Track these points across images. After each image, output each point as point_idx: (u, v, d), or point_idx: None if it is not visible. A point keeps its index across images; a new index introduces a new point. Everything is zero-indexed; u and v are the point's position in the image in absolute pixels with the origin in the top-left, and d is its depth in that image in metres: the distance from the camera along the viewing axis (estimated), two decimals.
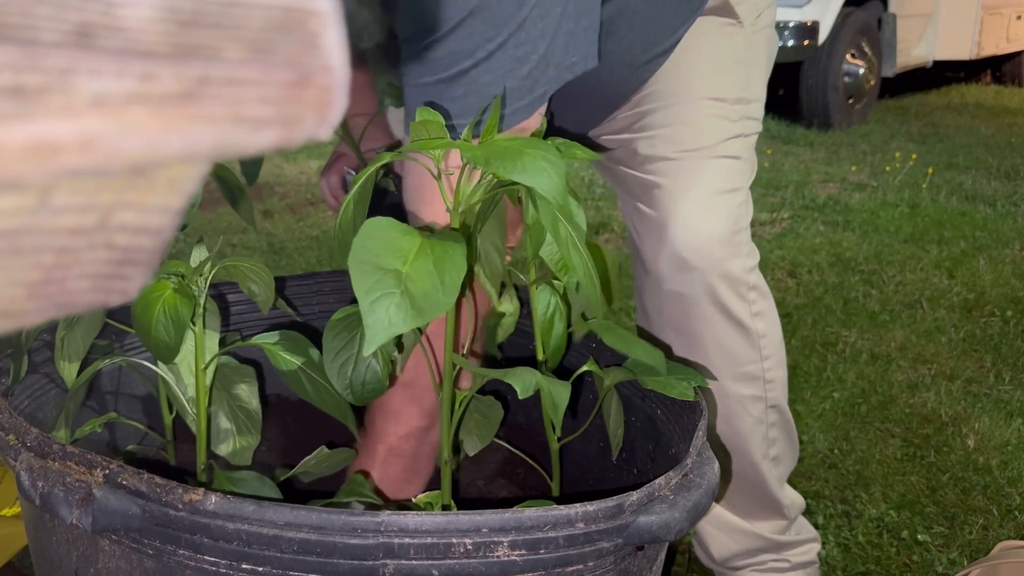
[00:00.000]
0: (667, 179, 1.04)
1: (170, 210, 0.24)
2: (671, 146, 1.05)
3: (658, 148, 1.06)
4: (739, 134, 1.09)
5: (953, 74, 7.30)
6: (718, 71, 1.08)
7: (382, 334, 0.61)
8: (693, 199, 1.03)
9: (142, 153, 0.21)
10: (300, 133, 0.23)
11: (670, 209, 1.03)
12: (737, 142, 1.08)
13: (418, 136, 0.78)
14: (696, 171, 1.05)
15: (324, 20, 0.23)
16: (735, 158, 1.07)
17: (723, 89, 1.08)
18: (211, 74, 0.21)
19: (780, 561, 1.22)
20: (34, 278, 0.23)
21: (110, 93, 0.20)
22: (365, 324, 0.61)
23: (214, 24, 0.21)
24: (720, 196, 1.05)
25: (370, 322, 0.61)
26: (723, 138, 1.07)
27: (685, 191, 1.04)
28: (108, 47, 0.20)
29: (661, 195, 1.04)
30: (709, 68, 1.07)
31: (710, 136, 1.06)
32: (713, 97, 1.07)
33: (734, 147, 1.08)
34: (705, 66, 1.07)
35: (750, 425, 1.12)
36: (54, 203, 0.21)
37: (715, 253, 1.04)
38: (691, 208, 1.03)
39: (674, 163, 1.05)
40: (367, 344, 0.61)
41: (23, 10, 0.19)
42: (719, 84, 1.08)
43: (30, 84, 0.19)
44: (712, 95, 1.07)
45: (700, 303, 1.05)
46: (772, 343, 1.11)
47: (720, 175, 1.05)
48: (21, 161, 0.19)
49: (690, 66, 1.06)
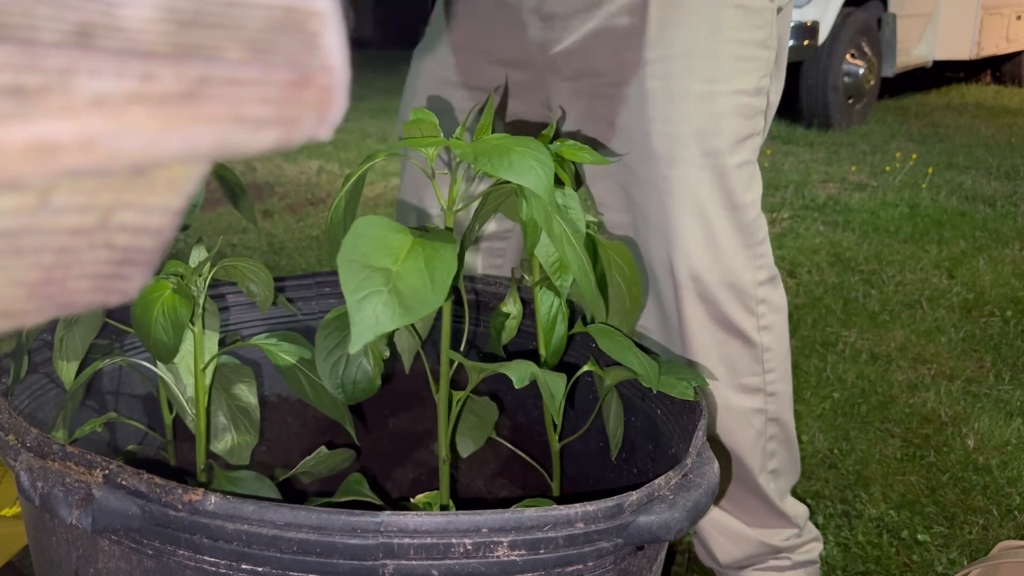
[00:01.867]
0: (679, 186, 1.04)
1: (170, 210, 0.24)
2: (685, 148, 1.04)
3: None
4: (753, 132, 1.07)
5: (953, 74, 7.30)
6: (737, 62, 1.05)
7: (368, 332, 0.60)
8: (703, 209, 1.03)
9: (142, 153, 0.21)
10: (300, 133, 0.23)
11: (678, 216, 1.03)
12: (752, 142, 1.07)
13: (410, 135, 0.78)
14: (708, 179, 1.04)
15: (324, 20, 0.23)
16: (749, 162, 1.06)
17: (745, 80, 1.05)
18: (211, 74, 0.21)
19: (781, 560, 1.22)
20: (34, 278, 0.23)
21: (110, 93, 0.20)
22: (352, 322, 0.60)
23: (214, 24, 0.21)
24: (732, 208, 1.04)
25: (357, 320, 0.61)
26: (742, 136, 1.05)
27: (695, 200, 1.03)
28: (108, 47, 0.20)
29: (666, 201, 1.04)
30: (726, 61, 1.05)
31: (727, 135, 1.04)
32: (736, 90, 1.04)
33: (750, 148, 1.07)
34: (722, 58, 1.04)
35: (751, 437, 1.12)
36: (54, 203, 0.21)
37: (725, 264, 1.04)
38: (699, 218, 1.02)
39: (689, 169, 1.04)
40: (353, 342, 0.60)
41: (23, 10, 0.19)
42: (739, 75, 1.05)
43: (30, 84, 0.19)
44: (736, 88, 1.04)
45: (701, 313, 1.05)
46: (777, 356, 1.11)
47: (742, 180, 1.05)
48: (21, 161, 0.19)
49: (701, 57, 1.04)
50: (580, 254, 0.78)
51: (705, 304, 1.04)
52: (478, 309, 1.10)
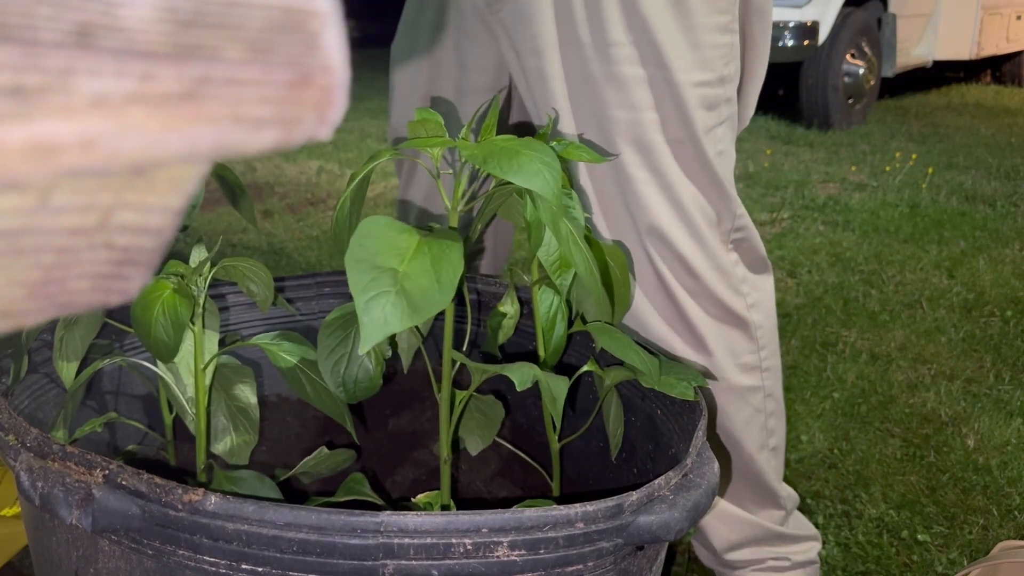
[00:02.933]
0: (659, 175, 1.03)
1: (170, 210, 0.24)
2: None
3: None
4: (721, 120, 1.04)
5: (953, 74, 7.30)
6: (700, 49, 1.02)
7: (378, 333, 0.60)
8: (687, 194, 1.03)
9: (142, 153, 0.21)
10: (300, 133, 0.23)
11: (660, 208, 1.02)
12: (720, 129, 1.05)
13: (416, 135, 0.78)
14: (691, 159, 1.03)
15: (324, 20, 0.23)
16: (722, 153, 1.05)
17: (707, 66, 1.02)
18: (211, 74, 0.21)
19: (780, 560, 1.22)
20: (34, 278, 0.23)
21: (110, 93, 0.20)
22: (360, 323, 0.61)
23: (214, 24, 0.21)
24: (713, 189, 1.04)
25: (365, 321, 0.61)
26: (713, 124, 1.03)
27: (683, 185, 1.03)
28: (108, 47, 0.20)
29: (648, 193, 1.02)
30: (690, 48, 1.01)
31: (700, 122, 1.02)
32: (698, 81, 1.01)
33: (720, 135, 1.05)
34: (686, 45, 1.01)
35: (749, 415, 1.12)
36: (54, 203, 0.21)
37: (709, 250, 1.04)
38: (684, 204, 1.03)
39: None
40: (362, 343, 0.60)
41: (23, 10, 0.19)
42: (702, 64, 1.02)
43: (30, 84, 0.19)
44: (697, 79, 1.01)
45: (696, 299, 1.05)
46: (767, 333, 1.12)
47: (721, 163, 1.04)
48: (21, 161, 0.19)
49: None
50: (586, 254, 0.78)
51: (698, 289, 1.05)
52: (479, 309, 1.10)
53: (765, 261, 1.13)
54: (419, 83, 1.19)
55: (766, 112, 5.44)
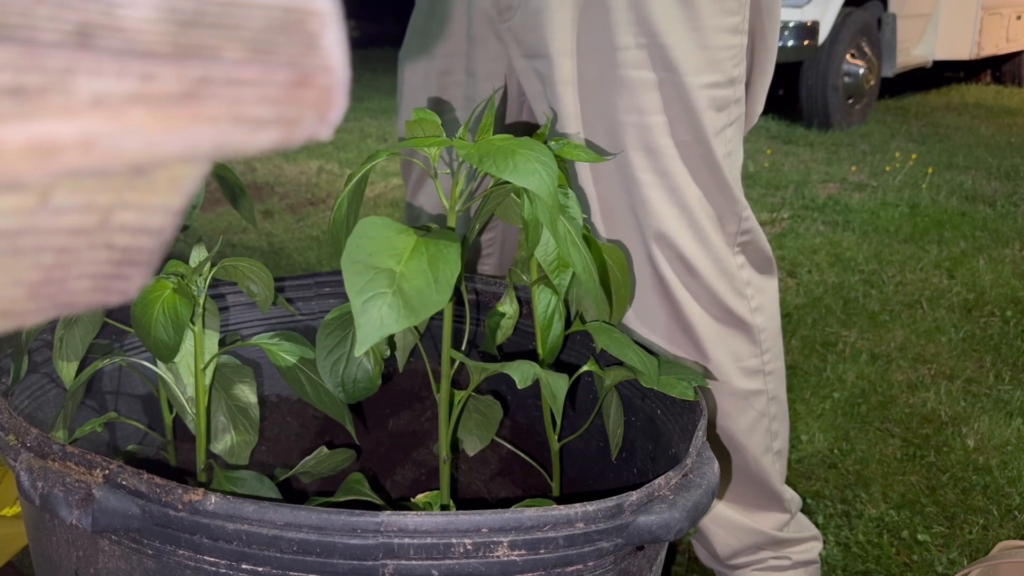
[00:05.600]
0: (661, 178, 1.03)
1: (170, 210, 0.24)
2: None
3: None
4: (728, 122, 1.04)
5: (953, 74, 7.30)
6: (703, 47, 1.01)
7: (374, 334, 0.60)
8: (692, 198, 1.03)
9: (142, 153, 0.21)
10: (300, 133, 0.23)
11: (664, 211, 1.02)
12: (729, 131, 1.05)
13: (412, 134, 0.78)
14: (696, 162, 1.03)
15: (324, 20, 0.23)
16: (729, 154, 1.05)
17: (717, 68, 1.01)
18: (211, 74, 0.21)
19: (781, 559, 1.22)
20: (34, 278, 0.23)
21: (110, 93, 0.20)
22: (357, 324, 0.60)
23: (214, 24, 0.21)
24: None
25: (362, 322, 0.60)
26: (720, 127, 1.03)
27: (688, 187, 1.02)
28: (108, 47, 0.20)
29: (653, 195, 1.02)
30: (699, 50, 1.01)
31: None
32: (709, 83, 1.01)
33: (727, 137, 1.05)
34: (691, 46, 1.00)
35: (753, 419, 1.12)
36: (54, 203, 0.21)
37: (715, 254, 1.04)
38: (688, 210, 1.02)
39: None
40: (359, 344, 0.60)
41: (23, 10, 0.19)
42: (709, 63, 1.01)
43: (30, 84, 0.19)
44: (706, 80, 1.01)
45: (700, 303, 1.05)
46: (771, 336, 1.12)
47: (724, 167, 1.04)
48: (21, 161, 0.19)
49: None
50: (584, 254, 0.78)
51: (701, 293, 1.05)
52: (478, 309, 1.10)
53: (771, 261, 1.13)
54: (428, 92, 1.19)
55: (766, 112, 5.44)
